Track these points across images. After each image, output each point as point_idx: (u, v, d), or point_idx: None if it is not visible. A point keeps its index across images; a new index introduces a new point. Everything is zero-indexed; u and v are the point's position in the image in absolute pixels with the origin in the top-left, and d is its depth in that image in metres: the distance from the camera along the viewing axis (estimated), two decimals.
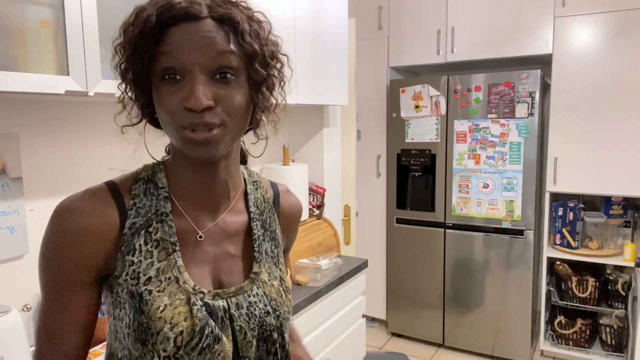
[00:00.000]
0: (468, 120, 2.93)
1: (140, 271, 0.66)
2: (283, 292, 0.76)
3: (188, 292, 0.66)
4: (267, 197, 0.81)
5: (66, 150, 1.47)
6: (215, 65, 0.62)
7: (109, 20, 1.22)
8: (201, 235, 0.71)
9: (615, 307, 2.79)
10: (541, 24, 2.77)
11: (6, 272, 1.33)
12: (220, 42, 0.62)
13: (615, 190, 2.70)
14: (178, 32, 0.61)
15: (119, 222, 0.66)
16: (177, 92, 0.62)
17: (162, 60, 0.62)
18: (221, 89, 0.62)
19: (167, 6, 0.61)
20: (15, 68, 1.03)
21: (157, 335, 0.64)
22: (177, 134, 0.63)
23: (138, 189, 0.70)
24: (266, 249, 0.77)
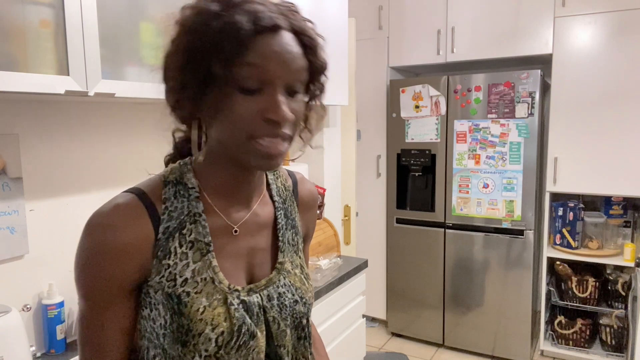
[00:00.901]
0: (468, 120, 2.93)
1: (176, 273, 0.66)
2: (305, 279, 0.78)
3: (224, 291, 0.67)
4: (287, 185, 0.83)
5: (66, 150, 1.47)
6: (292, 80, 0.63)
7: (109, 20, 1.22)
8: (237, 230, 0.72)
9: (615, 307, 2.79)
10: (541, 24, 2.77)
11: (6, 272, 1.33)
12: (298, 57, 0.63)
13: (615, 190, 2.70)
14: (264, 43, 0.60)
15: (153, 230, 0.66)
16: (253, 103, 0.61)
17: (244, 69, 0.60)
18: (291, 102, 0.64)
19: (258, 15, 0.60)
20: (15, 68, 1.03)
21: (199, 336, 0.65)
22: (244, 144, 0.63)
23: (168, 193, 0.69)
24: (288, 238, 0.79)
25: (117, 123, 1.63)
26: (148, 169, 1.81)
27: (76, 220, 1.51)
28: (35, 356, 1.36)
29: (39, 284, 1.41)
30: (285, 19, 0.63)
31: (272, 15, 0.61)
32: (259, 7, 0.61)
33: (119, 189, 1.63)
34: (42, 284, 1.41)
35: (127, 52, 1.30)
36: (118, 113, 1.62)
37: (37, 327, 1.40)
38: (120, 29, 1.27)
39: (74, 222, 1.50)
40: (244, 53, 0.59)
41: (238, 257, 0.72)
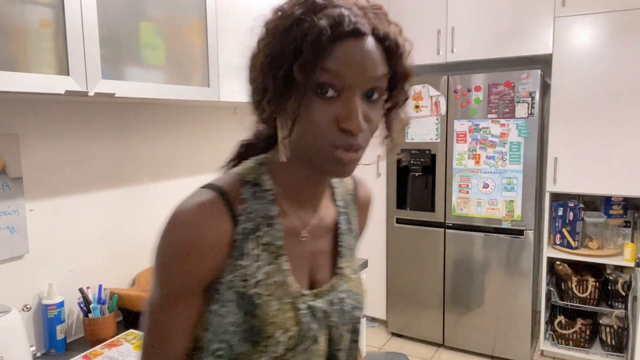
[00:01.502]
0: (468, 120, 2.92)
1: (249, 274, 0.66)
2: (359, 285, 0.78)
3: (293, 295, 0.68)
4: (349, 189, 0.83)
5: (66, 150, 1.47)
6: (371, 87, 0.62)
7: (109, 20, 1.22)
8: (306, 235, 0.73)
9: (615, 307, 2.79)
10: (541, 24, 2.77)
11: (6, 272, 1.33)
12: (379, 64, 0.61)
13: (615, 190, 2.70)
14: (344, 49, 0.59)
15: (232, 230, 0.67)
16: (329, 109, 0.61)
17: (323, 75, 0.59)
18: (368, 108, 0.63)
19: (339, 19, 0.59)
20: (15, 68, 1.03)
21: (269, 339, 0.66)
22: (321, 149, 0.63)
23: (246, 193, 0.69)
24: (348, 243, 0.79)
25: (117, 123, 1.63)
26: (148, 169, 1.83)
27: (76, 220, 1.51)
28: (35, 356, 1.36)
29: (39, 284, 1.41)
30: (369, 23, 0.61)
31: (355, 20, 0.59)
32: (343, 10, 0.59)
33: (119, 188, 1.64)
34: (42, 284, 1.41)
35: (127, 52, 1.30)
36: (118, 113, 1.62)
37: (37, 327, 1.40)
38: (120, 29, 1.27)
39: (74, 222, 1.50)
40: (324, 59, 0.59)
41: (303, 260, 0.72)
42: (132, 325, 1.51)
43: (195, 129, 1.95)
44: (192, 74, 1.53)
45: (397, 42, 0.63)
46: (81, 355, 1.29)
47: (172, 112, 1.84)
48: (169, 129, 1.83)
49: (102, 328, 1.43)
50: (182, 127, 1.89)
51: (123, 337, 1.39)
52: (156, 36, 1.39)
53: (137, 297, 1.50)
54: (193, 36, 1.52)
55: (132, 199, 1.69)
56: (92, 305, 1.44)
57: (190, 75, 1.52)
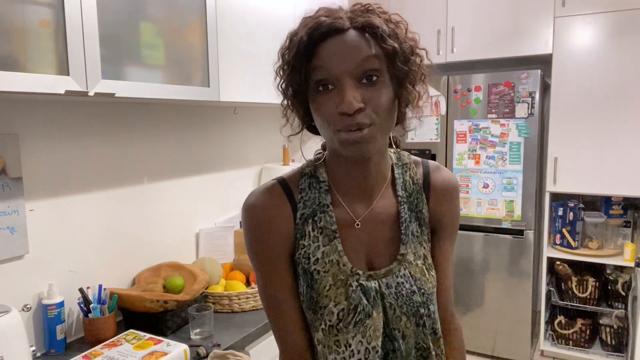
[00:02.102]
0: (468, 120, 2.92)
1: (310, 252, 0.79)
2: (426, 270, 0.83)
3: (347, 273, 0.78)
4: (416, 178, 0.87)
5: (66, 150, 1.47)
6: (361, 70, 0.68)
7: (109, 20, 1.22)
8: (358, 223, 0.80)
9: (615, 307, 2.79)
10: (541, 24, 2.77)
11: (6, 272, 1.33)
12: (364, 49, 0.69)
13: (615, 190, 2.70)
14: (326, 47, 0.69)
15: (292, 213, 0.80)
16: (330, 100, 0.69)
17: (316, 74, 0.70)
18: (368, 91, 0.69)
19: (315, 26, 0.69)
20: (15, 68, 1.03)
21: (324, 309, 0.77)
22: (333, 137, 0.71)
23: (304, 184, 0.82)
24: (412, 230, 0.83)
25: (117, 123, 1.63)
26: (148, 169, 1.83)
27: (76, 220, 1.51)
28: (35, 356, 1.36)
29: (39, 284, 1.41)
30: (348, 19, 0.70)
31: (330, 21, 0.69)
32: (321, 18, 0.70)
33: (119, 188, 1.64)
34: (42, 284, 1.41)
35: (127, 52, 1.30)
36: (118, 113, 1.62)
37: (37, 327, 1.40)
38: (120, 29, 1.27)
39: (74, 222, 1.50)
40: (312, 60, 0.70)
41: (359, 246, 0.80)
42: (132, 325, 1.51)
43: (195, 129, 1.95)
44: (192, 74, 1.53)
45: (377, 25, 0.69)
46: (81, 355, 1.28)
47: (172, 112, 1.84)
48: (169, 129, 1.83)
49: (102, 328, 1.43)
50: (182, 127, 1.88)
51: (123, 337, 1.39)
52: (156, 36, 1.39)
53: (137, 297, 1.49)
54: (193, 36, 1.52)
55: (132, 199, 1.69)
56: (92, 305, 1.44)
57: (190, 75, 1.52)
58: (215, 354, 1.34)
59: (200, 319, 1.48)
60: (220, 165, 2.10)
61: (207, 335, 1.49)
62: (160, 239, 1.80)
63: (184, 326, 1.57)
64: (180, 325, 1.56)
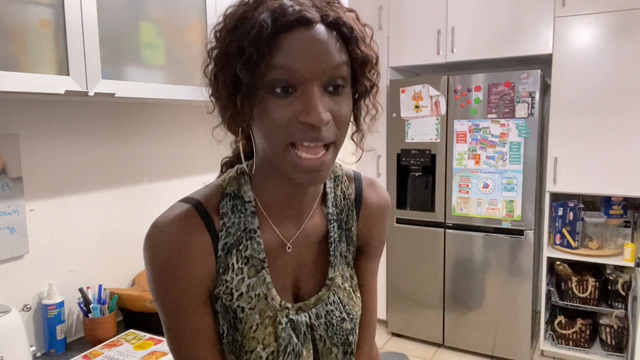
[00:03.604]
0: (468, 120, 2.92)
1: (232, 287, 0.66)
2: (353, 293, 0.76)
3: (275, 309, 0.68)
4: (347, 193, 0.77)
5: (66, 150, 1.47)
6: (330, 77, 0.57)
7: (109, 20, 1.22)
8: (289, 247, 0.70)
9: (615, 307, 2.79)
10: (541, 24, 2.77)
11: (6, 272, 1.33)
12: (335, 52, 0.57)
13: (615, 190, 2.70)
14: (292, 40, 0.55)
15: (212, 245, 0.65)
16: (288, 106, 0.56)
17: (275, 72, 0.55)
18: (332, 101, 0.58)
19: (280, 10, 0.55)
20: (15, 68, 1.03)
21: (251, 353, 0.66)
22: (283, 152, 0.58)
23: (225, 207, 0.67)
24: (341, 251, 0.75)
25: (117, 123, 1.63)
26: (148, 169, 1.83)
27: (76, 220, 1.51)
28: (35, 356, 1.36)
29: (39, 284, 1.41)
30: (317, 11, 0.57)
31: (298, 8, 0.55)
32: (285, 1, 0.56)
33: (119, 188, 1.64)
34: (42, 284, 1.41)
35: (127, 52, 1.30)
36: (118, 113, 1.62)
37: (37, 327, 1.40)
38: (120, 29, 1.27)
39: (74, 222, 1.50)
40: (271, 54, 0.55)
41: (286, 272, 0.71)
42: (132, 325, 1.51)
43: (195, 129, 1.95)
44: (192, 74, 1.53)
45: (351, 26, 0.58)
46: (81, 355, 1.29)
47: (172, 112, 1.84)
48: (169, 129, 1.83)
49: (102, 328, 1.43)
50: (182, 127, 1.89)
51: (123, 337, 1.39)
52: (156, 36, 1.39)
53: (137, 297, 1.49)
54: (193, 36, 1.52)
55: (132, 199, 1.69)
56: (92, 305, 1.44)
57: (190, 75, 1.52)
58: None
59: None
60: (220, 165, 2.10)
61: None
62: None
63: None
64: None
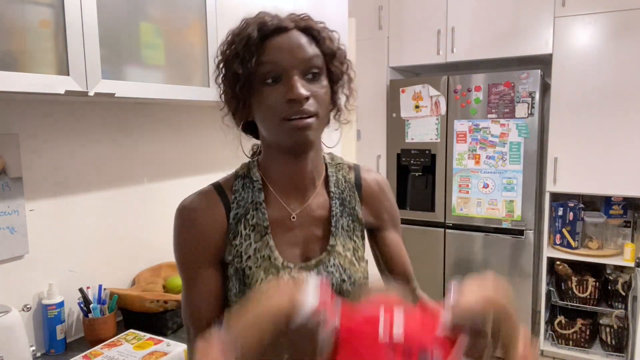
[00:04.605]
0: (468, 120, 2.92)
1: (242, 251, 0.80)
2: (356, 261, 0.87)
3: (278, 267, 0.80)
4: (348, 177, 0.91)
5: (66, 150, 1.47)
6: (307, 67, 0.75)
7: (109, 20, 1.22)
8: (294, 216, 0.83)
9: (615, 307, 2.79)
10: (541, 24, 2.77)
11: (6, 272, 1.33)
12: (308, 48, 0.76)
13: (615, 190, 2.70)
14: (275, 42, 0.75)
15: (225, 214, 0.82)
16: (277, 90, 0.74)
17: (264, 67, 0.74)
18: (311, 84, 0.75)
19: (263, 23, 0.75)
20: (15, 68, 1.03)
21: None
22: (278, 126, 0.75)
23: (237, 185, 0.84)
24: (342, 224, 0.87)
25: (117, 123, 1.63)
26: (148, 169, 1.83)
27: (76, 220, 1.51)
28: (35, 356, 1.36)
29: (39, 284, 1.41)
30: (292, 22, 0.77)
31: (276, 21, 0.75)
32: (266, 18, 0.76)
33: (119, 188, 1.63)
34: (42, 284, 1.41)
35: (127, 52, 1.30)
36: (118, 113, 1.62)
37: (37, 327, 1.40)
38: (120, 29, 1.27)
39: (74, 222, 1.50)
40: (260, 54, 0.74)
41: (295, 243, 0.83)
42: (132, 325, 1.51)
43: (195, 129, 1.95)
44: (192, 74, 1.53)
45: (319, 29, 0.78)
46: (81, 355, 1.28)
47: (172, 112, 1.84)
48: (169, 129, 1.83)
49: (102, 328, 1.43)
50: (182, 127, 1.88)
51: (123, 337, 1.39)
52: (156, 36, 1.39)
53: (137, 297, 1.49)
54: (193, 36, 1.52)
55: (132, 199, 1.69)
56: (92, 305, 1.44)
57: (190, 75, 1.52)
58: None
59: None
60: (220, 165, 2.10)
61: None
62: (160, 239, 1.80)
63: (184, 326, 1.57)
64: (180, 325, 1.56)
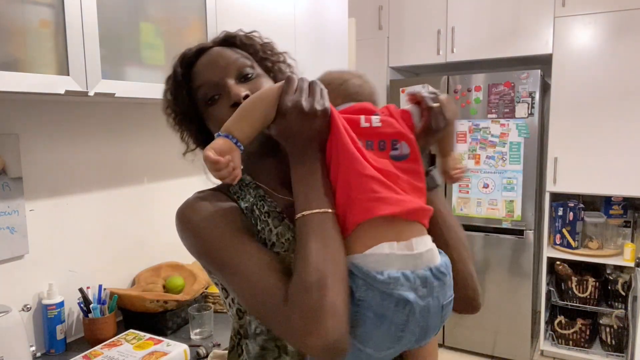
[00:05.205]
0: (468, 120, 2.92)
1: (265, 238, 0.75)
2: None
3: None
4: None
5: (66, 150, 1.47)
6: (236, 71, 0.77)
7: (109, 20, 1.22)
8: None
9: (615, 307, 2.79)
10: (541, 24, 2.77)
11: (6, 272, 1.33)
12: (232, 54, 0.78)
13: (615, 190, 2.70)
14: (198, 66, 0.79)
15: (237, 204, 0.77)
16: (221, 105, 0.76)
17: (200, 92, 0.78)
18: (250, 84, 0.76)
19: (182, 56, 0.80)
20: (15, 68, 1.03)
21: None
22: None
23: (233, 189, 0.81)
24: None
25: (117, 123, 1.62)
26: (148, 169, 1.82)
27: (76, 220, 1.51)
28: (35, 356, 1.36)
29: (39, 284, 1.41)
30: (211, 42, 0.81)
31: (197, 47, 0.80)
32: (187, 50, 0.81)
33: (119, 188, 1.63)
34: (42, 284, 1.41)
35: (127, 52, 1.30)
36: (118, 113, 1.62)
37: (37, 327, 1.40)
38: (120, 29, 1.27)
39: (74, 222, 1.50)
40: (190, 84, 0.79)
41: None
42: (132, 325, 1.51)
43: None
44: None
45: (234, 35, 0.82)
46: (81, 355, 1.28)
47: None
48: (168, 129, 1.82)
49: (102, 328, 1.43)
50: None
51: (123, 337, 1.39)
52: (156, 36, 1.39)
53: (137, 297, 1.49)
54: (193, 36, 1.52)
55: (132, 199, 1.69)
56: (92, 305, 1.44)
57: None
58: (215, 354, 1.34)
59: (200, 319, 1.48)
60: None
61: (207, 335, 1.49)
62: (160, 239, 1.80)
63: (184, 326, 1.57)
64: (180, 325, 1.56)
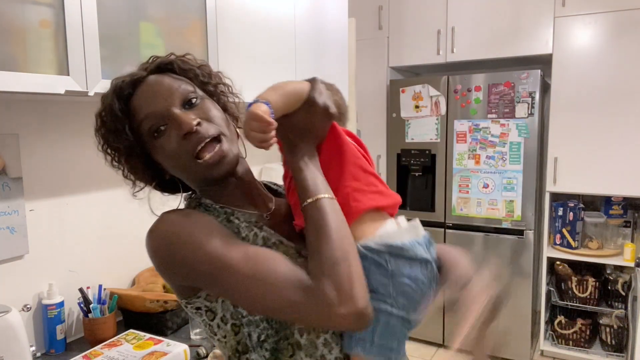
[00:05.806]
0: (468, 120, 2.92)
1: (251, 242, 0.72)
2: None
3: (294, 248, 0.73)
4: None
5: (66, 150, 1.47)
6: (180, 98, 0.72)
7: (109, 20, 1.22)
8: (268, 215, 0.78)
9: (615, 307, 2.79)
10: (541, 24, 2.77)
11: (6, 272, 1.33)
12: (171, 82, 0.73)
13: (615, 190, 2.70)
14: (137, 97, 0.73)
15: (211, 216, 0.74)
16: (169, 136, 0.71)
17: (144, 125, 0.72)
18: (196, 110, 0.72)
19: (116, 88, 0.73)
20: (15, 68, 1.03)
21: None
22: (194, 167, 0.71)
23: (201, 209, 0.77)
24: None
25: None
26: None
27: (76, 220, 1.51)
28: (35, 356, 1.36)
29: (39, 284, 1.41)
30: (144, 70, 0.75)
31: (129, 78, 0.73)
32: (119, 81, 0.74)
33: (118, 189, 1.63)
34: (42, 284, 1.41)
35: (127, 52, 1.30)
36: None
37: (37, 327, 1.40)
38: (120, 29, 1.27)
39: (74, 222, 1.50)
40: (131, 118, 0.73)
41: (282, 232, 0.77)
42: (132, 325, 1.51)
43: None
44: None
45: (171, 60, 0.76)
46: (81, 355, 1.28)
47: None
48: None
49: (102, 328, 1.43)
50: None
51: (123, 337, 1.39)
52: (156, 36, 1.39)
53: (137, 297, 1.49)
54: (193, 36, 1.52)
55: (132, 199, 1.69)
56: (92, 305, 1.44)
57: None
58: (215, 354, 1.34)
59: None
60: None
61: (207, 335, 1.49)
62: None
63: (184, 326, 1.57)
64: (180, 325, 1.56)
